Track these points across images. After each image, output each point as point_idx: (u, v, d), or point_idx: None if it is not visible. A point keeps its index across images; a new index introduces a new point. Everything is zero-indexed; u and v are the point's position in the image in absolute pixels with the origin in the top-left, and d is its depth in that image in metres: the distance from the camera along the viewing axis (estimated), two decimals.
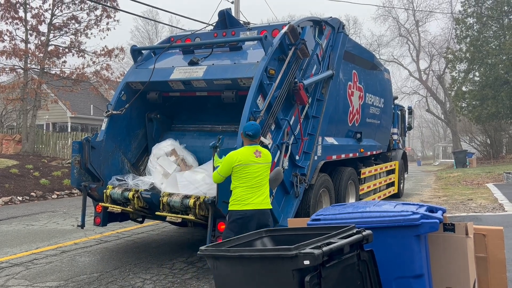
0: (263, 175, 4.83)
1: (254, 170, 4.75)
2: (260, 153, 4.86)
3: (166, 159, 6.09)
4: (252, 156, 4.79)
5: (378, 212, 2.96)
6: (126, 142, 6.70)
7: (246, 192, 4.69)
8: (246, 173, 4.73)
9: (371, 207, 3.13)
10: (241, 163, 4.72)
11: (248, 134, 4.85)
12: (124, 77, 6.89)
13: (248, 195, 4.70)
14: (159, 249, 6.72)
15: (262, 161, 4.84)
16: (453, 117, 38.79)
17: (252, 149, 4.83)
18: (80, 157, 6.03)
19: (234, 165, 4.72)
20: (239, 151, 4.84)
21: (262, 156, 4.86)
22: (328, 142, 7.64)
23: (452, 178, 20.08)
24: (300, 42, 6.27)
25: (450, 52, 32.22)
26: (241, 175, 4.72)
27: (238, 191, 4.74)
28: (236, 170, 4.73)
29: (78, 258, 6.20)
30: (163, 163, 6.00)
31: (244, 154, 4.76)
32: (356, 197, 8.92)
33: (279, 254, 2.20)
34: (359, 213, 3.02)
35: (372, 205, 3.18)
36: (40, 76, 19.48)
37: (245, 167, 4.73)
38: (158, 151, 6.25)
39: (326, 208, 3.45)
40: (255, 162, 4.77)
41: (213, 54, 6.50)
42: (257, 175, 4.76)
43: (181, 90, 6.48)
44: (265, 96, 5.72)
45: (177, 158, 6.00)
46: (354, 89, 8.79)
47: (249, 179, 4.73)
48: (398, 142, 13.44)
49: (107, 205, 5.90)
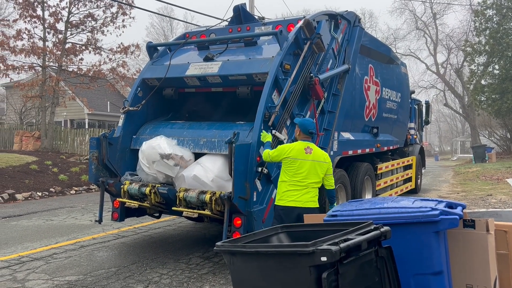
0: (312, 173, 4.79)
1: (302, 166, 4.76)
2: (311, 150, 4.87)
3: (163, 163, 5.63)
4: (303, 152, 4.83)
5: (396, 208, 2.92)
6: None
7: (291, 188, 4.74)
8: (294, 168, 4.76)
9: (389, 203, 3.09)
10: (290, 156, 4.79)
11: (312, 132, 4.96)
12: (140, 73, 6.93)
13: (293, 191, 4.72)
14: (176, 244, 6.77)
15: (312, 158, 4.81)
16: (472, 111, 38.08)
17: (304, 145, 4.87)
18: (98, 153, 6.11)
19: (284, 156, 4.81)
20: (293, 144, 4.97)
21: (313, 153, 4.85)
22: (344, 137, 7.57)
23: (470, 173, 19.75)
24: (316, 37, 6.22)
25: (468, 45, 31.57)
26: (288, 169, 4.81)
27: (283, 185, 4.82)
28: (285, 163, 4.83)
29: (96, 252, 6.29)
30: (162, 168, 5.67)
31: (295, 149, 4.84)
32: (372, 193, 8.85)
33: (296, 250, 2.19)
34: (376, 209, 2.98)
35: (390, 201, 3.14)
36: (58, 74, 19.77)
37: (294, 162, 4.80)
38: (151, 151, 5.70)
39: (343, 204, 3.42)
40: (304, 158, 4.78)
41: (228, 50, 6.49)
42: (304, 170, 4.76)
43: (197, 86, 6.50)
44: (280, 91, 5.70)
45: (177, 159, 5.63)
46: (370, 83, 8.70)
47: (296, 175, 4.75)
48: (415, 137, 13.26)
49: (125, 200, 5.96)
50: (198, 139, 5.89)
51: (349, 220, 2.86)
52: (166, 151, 5.62)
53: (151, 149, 5.73)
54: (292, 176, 4.76)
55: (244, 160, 5.14)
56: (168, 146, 5.70)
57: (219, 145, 5.64)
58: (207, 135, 5.87)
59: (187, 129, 6.20)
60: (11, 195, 11.72)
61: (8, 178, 12.90)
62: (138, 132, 6.52)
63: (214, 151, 5.69)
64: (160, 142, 5.75)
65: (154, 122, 6.64)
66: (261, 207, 5.42)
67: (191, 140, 5.91)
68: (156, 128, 6.44)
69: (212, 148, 5.71)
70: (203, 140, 5.83)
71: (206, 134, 5.91)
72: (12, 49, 18.23)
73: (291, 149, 4.82)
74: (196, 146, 5.86)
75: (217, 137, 5.75)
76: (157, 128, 6.43)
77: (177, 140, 5.97)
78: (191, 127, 6.24)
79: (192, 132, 6.08)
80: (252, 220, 5.21)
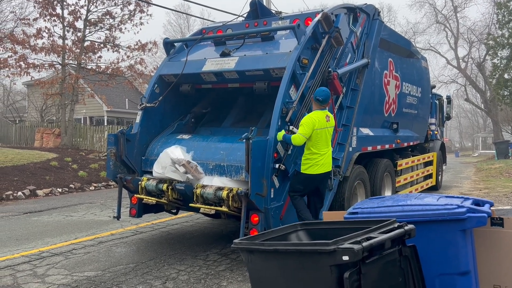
0: (330, 137, 5.48)
1: (326, 134, 5.35)
2: (329, 117, 5.44)
3: (173, 169, 5.56)
4: (324, 121, 5.33)
5: (420, 205, 2.81)
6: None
7: (317, 156, 5.26)
8: (320, 138, 5.26)
9: (412, 200, 2.97)
10: (318, 128, 5.25)
11: (318, 99, 5.34)
12: (157, 70, 6.92)
13: (318, 160, 5.26)
14: (193, 240, 6.76)
15: (331, 125, 5.46)
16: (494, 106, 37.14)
17: (323, 113, 5.36)
18: (116, 150, 6.12)
19: (314, 128, 5.21)
20: (316, 115, 5.32)
21: (330, 119, 5.46)
22: (363, 133, 7.43)
23: (493, 170, 19.28)
24: (334, 30, 6.10)
25: (491, 38, 30.78)
26: (315, 139, 5.25)
27: (309, 154, 5.26)
28: (313, 135, 5.22)
29: (115, 248, 6.31)
30: (172, 174, 5.59)
31: (318, 120, 5.28)
32: (392, 190, 8.68)
33: (316, 249, 2.11)
34: (399, 206, 2.87)
35: (413, 198, 3.03)
36: (77, 71, 20.00)
37: (320, 132, 5.29)
38: (164, 156, 5.68)
39: (363, 201, 3.32)
40: (326, 126, 5.36)
41: (245, 45, 6.42)
42: (327, 138, 5.38)
43: (213, 82, 6.45)
44: (298, 86, 5.60)
45: (188, 168, 5.53)
46: (390, 78, 8.52)
47: (321, 143, 5.29)
48: (436, 133, 12.98)
49: (142, 196, 5.96)
50: (207, 163, 5.72)
51: (370, 218, 2.77)
52: (179, 156, 5.57)
53: (165, 155, 5.70)
54: (318, 145, 5.25)
55: (261, 156, 5.06)
56: (182, 153, 5.66)
57: (229, 170, 5.51)
58: (216, 158, 5.67)
59: (196, 148, 5.96)
60: (32, 191, 11.92)
61: (30, 174, 13.12)
62: (146, 153, 6.37)
63: (224, 177, 5.53)
64: (174, 148, 5.76)
65: (161, 139, 6.46)
66: (279, 204, 5.36)
67: (201, 164, 5.71)
68: (164, 147, 6.11)
69: (222, 173, 5.56)
70: (212, 164, 5.67)
71: (215, 155, 5.71)
72: (32, 47, 18.52)
73: (316, 120, 5.24)
74: (206, 170, 5.67)
75: (225, 160, 5.58)
76: (166, 146, 6.13)
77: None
78: (199, 144, 6.01)
79: (201, 153, 5.85)
80: (270, 217, 5.14)
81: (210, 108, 7.20)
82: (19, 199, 11.38)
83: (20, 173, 12.97)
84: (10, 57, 18.09)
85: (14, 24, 23.65)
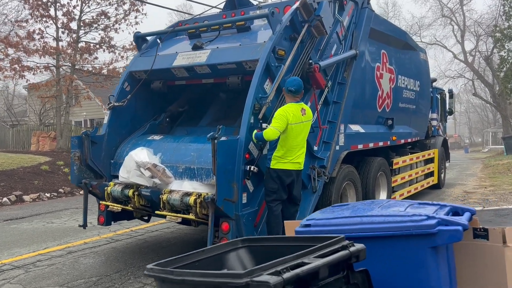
0: (306, 134, 5.00)
1: (302, 129, 4.88)
2: (305, 110, 4.96)
3: (138, 173, 5.13)
4: (299, 114, 4.84)
5: (383, 216, 2.30)
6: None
7: (290, 151, 4.80)
8: (295, 133, 4.80)
9: (375, 209, 2.46)
10: (292, 121, 4.74)
11: (291, 89, 4.84)
12: (128, 66, 6.47)
13: (291, 157, 4.81)
14: (169, 249, 6.30)
15: (306, 119, 4.96)
16: (503, 100, 36.16)
17: (298, 106, 4.89)
18: (80, 153, 5.68)
19: (288, 123, 4.71)
20: (290, 108, 4.82)
21: (307, 113, 4.97)
22: (353, 130, 6.91)
23: (501, 166, 18.56)
24: (315, 19, 5.59)
25: (498, 30, 29.91)
26: (290, 134, 4.75)
27: (281, 150, 4.79)
28: (287, 128, 4.74)
29: (82, 259, 5.87)
30: (137, 179, 5.15)
31: (293, 114, 4.77)
32: (388, 190, 8.14)
33: (226, 282, 1.62)
34: (358, 217, 2.36)
35: (377, 207, 2.51)
36: (71, 73, 19.66)
37: (296, 127, 4.80)
38: (129, 159, 5.26)
39: (323, 210, 2.81)
40: (302, 120, 4.87)
41: (220, 37, 5.94)
42: (303, 133, 4.92)
43: (186, 77, 5.98)
44: (273, 80, 5.11)
45: (154, 172, 5.06)
46: (383, 71, 7.97)
47: (294, 138, 4.81)
48: (438, 128, 12.38)
49: (108, 203, 5.52)
50: (177, 166, 5.25)
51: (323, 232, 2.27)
52: (144, 159, 5.09)
53: (129, 158, 5.25)
54: (291, 141, 4.78)
55: (230, 157, 4.58)
56: (147, 156, 5.18)
57: (200, 173, 5.04)
58: (185, 160, 5.22)
59: (165, 150, 5.52)
60: (18, 197, 11.54)
61: (18, 179, 12.76)
62: (115, 155, 5.92)
63: (195, 181, 5.07)
64: (139, 151, 5.29)
65: (131, 141, 6.00)
66: (253, 209, 4.87)
67: (170, 167, 5.26)
68: (133, 149, 5.63)
69: (192, 177, 5.10)
70: (181, 167, 5.20)
71: (184, 157, 5.25)
72: (26, 49, 18.19)
73: (290, 114, 4.75)
74: (176, 174, 5.21)
75: (196, 162, 5.12)
76: (135, 148, 5.66)
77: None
78: (169, 146, 5.56)
79: (170, 155, 5.39)
80: (241, 224, 4.65)
81: (187, 106, 6.73)
82: (4, 205, 11.00)
83: (8, 178, 12.61)
84: (2, 59, 17.78)
85: (10, 27, 23.35)
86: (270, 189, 4.89)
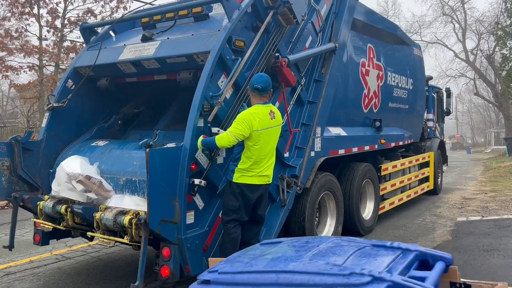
0: (276, 141, 4.34)
1: (270, 135, 4.19)
2: (274, 113, 4.28)
3: (69, 186, 4.47)
4: (268, 118, 4.15)
5: (307, 274, 1.51)
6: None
7: (255, 166, 4.09)
8: (262, 141, 4.09)
9: (303, 258, 1.64)
10: (258, 127, 3.97)
11: (257, 87, 4.09)
12: (73, 62, 5.69)
13: (257, 170, 4.10)
14: (121, 269, 5.52)
15: (276, 124, 4.28)
16: (505, 99, 35.23)
17: (267, 108, 4.19)
18: (10, 162, 4.89)
19: (253, 129, 3.94)
20: (256, 111, 4.05)
21: (276, 116, 4.29)
22: (332, 134, 6.12)
23: (502, 169, 17.69)
24: (282, 5, 4.79)
25: (499, 28, 29.04)
26: (256, 142, 4.01)
27: (246, 162, 4.06)
28: (251, 137, 3.99)
29: (17, 284, 5.09)
30: (68, 193, 4.46)
31: (260, 117, 4.02)
32: (375, 199, 7.33)
33: None
34: (273, 274, 1.58)
35: (310, 253, 1.69)
36: (54, 73, 18.90)
37: (263, 134, 4.03)
38: (59, 170, 4.59)
39: (234, 257, 1.97)
40: (271, 125, 4.19)
41: (175, 27, 5.13)
42: (272, 141, 4.25)
43: (135, 74, 5.18)
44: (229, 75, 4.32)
45: (89, 185, 4.36)
46: (369, 67, 7.18)
47: (263, 147, 4.11)
48: (434, 130, 11.55)
49: (39, 220, 4.73)
50: (117, 177, 4.49)
51: None
52: (75, 170, 4.33)
53: (60, 169, 4.52)
54: (259, 150, 4.07)
55: (170, 170, 3.78)
56: (80, 166, 4.41)
57: (142, 187, 4.27)
58: (127, 171, 4.46)
59: (106, 158, 4.77)
60: None
61: None
62: (55, 164, 5.11)
63: (136, 196, 4.31)
64: (71, 160, 4.55)
65: (74, 147, 5.24)
66: (202, 230, 4.09)
67: (110, 179, 4.51)
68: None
69: (134, 191, 4.35)
70: (122, 179, 4.44)
71: (126, 167, 4.49)
72: (6, 48, 17.45)
73: (256, 118, 3.99)
74: (117, 187, 4.47)
75: (138, 173, 4.35)
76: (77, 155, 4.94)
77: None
78: (112, 153, 4.80)
79: (111, 165, 4.64)
80: (185, 250, 3.86)
81: (143, 107, 5.94)
82: None
83: None
84: None
85: None
86: (230, 207, 4.11)
